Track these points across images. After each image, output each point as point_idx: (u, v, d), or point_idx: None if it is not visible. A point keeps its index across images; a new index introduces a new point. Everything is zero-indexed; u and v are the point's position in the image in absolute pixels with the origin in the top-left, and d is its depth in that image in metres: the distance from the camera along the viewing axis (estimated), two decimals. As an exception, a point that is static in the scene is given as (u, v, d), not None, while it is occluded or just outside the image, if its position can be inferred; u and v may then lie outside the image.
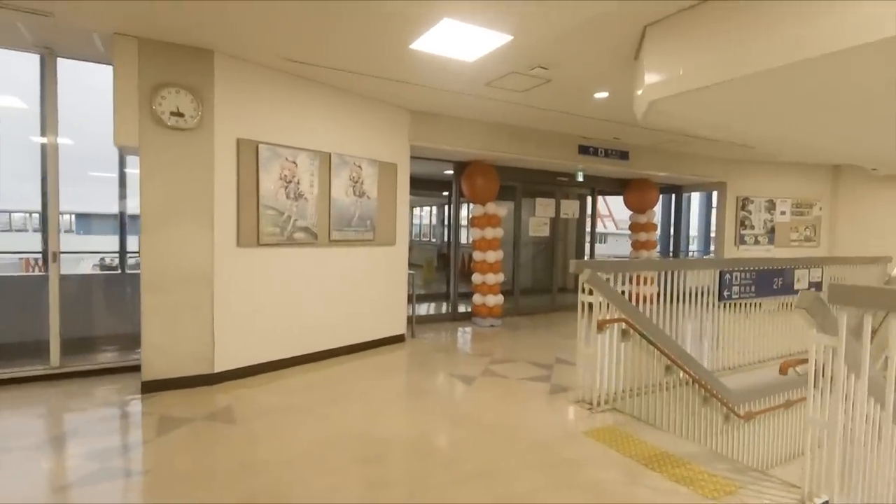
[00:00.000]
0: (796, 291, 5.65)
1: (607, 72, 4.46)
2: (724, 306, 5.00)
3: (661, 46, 3.43)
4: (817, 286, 5.85)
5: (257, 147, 4.39)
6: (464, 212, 8.47)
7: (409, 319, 6.30)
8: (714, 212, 14.94)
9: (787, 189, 9.51)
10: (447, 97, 5.35)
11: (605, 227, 28.85)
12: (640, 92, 3.78)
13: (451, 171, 7.49)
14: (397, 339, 5.92)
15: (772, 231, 9.50)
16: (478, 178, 6.97)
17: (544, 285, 9.44)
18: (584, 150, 7.44)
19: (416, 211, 16.19)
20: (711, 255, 14.19)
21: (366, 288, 5.49)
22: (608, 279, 3.95)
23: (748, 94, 3.41)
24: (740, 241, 9.42)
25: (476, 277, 7.19)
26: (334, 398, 3.99)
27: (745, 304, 5.18)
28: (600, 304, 3.81)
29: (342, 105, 5.13)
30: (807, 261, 5.76)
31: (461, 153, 6.63)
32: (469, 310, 7.44)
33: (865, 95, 3.45)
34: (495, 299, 7.12)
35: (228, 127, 4.23)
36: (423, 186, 9.90)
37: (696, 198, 14.27)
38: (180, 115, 3.97)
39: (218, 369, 4.25)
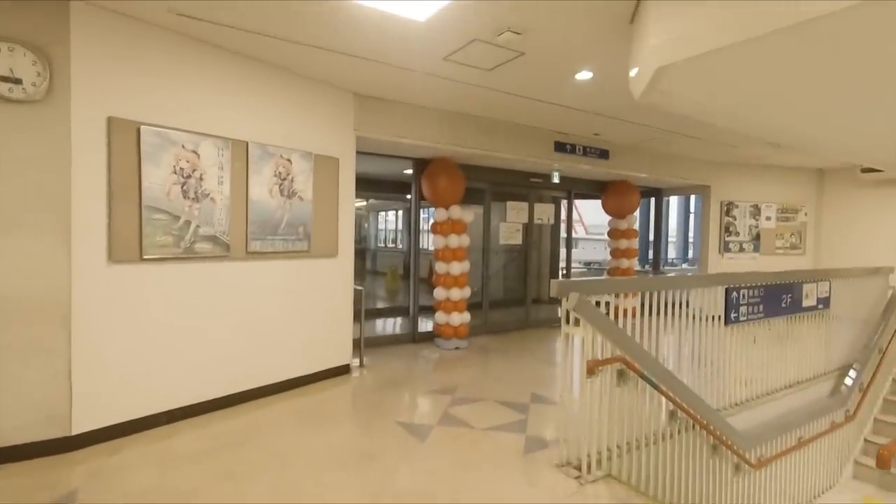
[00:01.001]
0: (805, 309, 4.91)
1: (594, 40, 3.57)
2: (731, 330, 4.17)
3: (672, -4, 2.55)
4: (825, 302, 5.13)
5: (139, 130, 3.30)
6: (428, 216, 7.50)
7: (358, 344, 5.26)
8: (692, 217, 14.52)
9: (772, 193, 8.93)
10: (398, 76, 4.37)
11: (575, 231, 28.41)
12: (641, 59, 2.90)
13: (410, 171, 6.51)
14: (340, 371, 4.87)
15: (757, 238, 8.89)
16: (440, 177, 6.01)
17: (517, 297, 8.55)
18: (560, 147, 6.58)
19: (382, 215, 15.28)
20: (686, 266, 13.73)
21: (298, 311, 4.43)
22: (598, 302, 3.04)
23: (768, 64, 2.58)
24: (725, 248, 8.77)
25: (439, 293, 6.21)
26: (234, 471, 2.92)
27: (753, 325, 4.37)
28: (591, 338, 2.89)
29: (265, 83, 4.08)
30: (813, 274, 5.02)
31: (420, 148, 5.66)
32: (432, 328, 6.45)
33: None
34: (461, 318, 6.15)
35: (94, 101, 3.13)
36: (386, 188, 8.91)
37: (673, 202, 13.75)
38: (14, 80, 2.85)
39: (78, 430, 3.12)
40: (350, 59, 3.94)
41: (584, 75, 4.25)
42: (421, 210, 6.63)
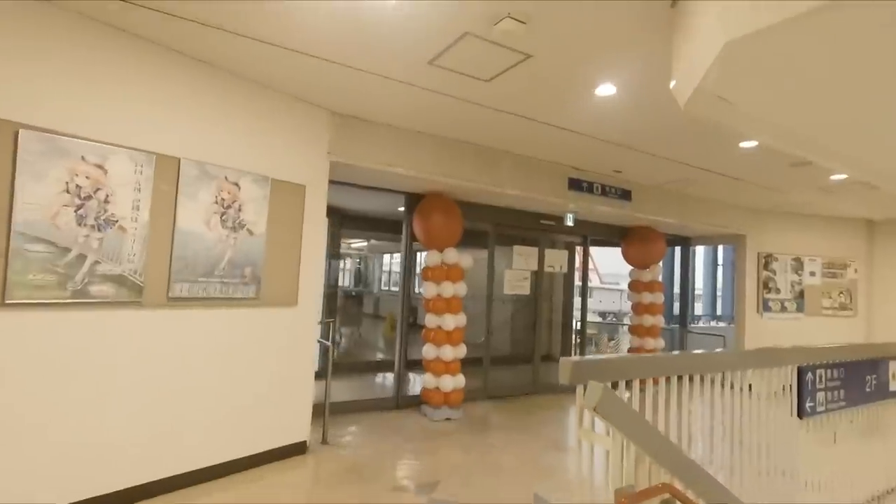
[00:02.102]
0: (893, 393, 3.80)
1: (620, 36, 2.74)
2: (807, 424, 3.09)
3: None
4: (914, 384, 4.01)
5: (17, 134, 2.51)
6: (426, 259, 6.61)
7: (323, 411, 4.25)
8: (720, 269, 13.40)
9: (815, 246, 7.88)
10: (378, 88, 3.59)
11: (589, 280, 27.30)
12: (692, 45, 2.04)
13: (402, 207, 5.68)
14: (293, 451, 3.85)
15: (801, 296, 7.78)
16: (434, 215, 5.15)
17: (524, 353, 7.48)
18: (575, 184, 5.72)
19: (387, 257, 14.49)
20: (715, 323, 12.48)
21: (238, 374, 3.48)
22: (629, 398, 2.05)
23: (868, 59, 1.70)
24: (764, 307, 7.66)
25: (428, 350, 5.21)
26: None
27: (833, 416, 3.28)
28: (621, 452, 1.88)
29: (211, 88, 3.32)
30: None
31: (411, 180, 4.83)
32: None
33: None
34: (453, 382, 5.12)
35: (-48, 92, 2.37)
36: (383, 227, 8.06)
37: (699, 252, 12.70)
38: None
39: None
40: (311, 60, 3.17)
41: (606, 90, 3.41)
42: (418, 252, 5.75)
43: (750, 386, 2.76)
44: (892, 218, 7.69)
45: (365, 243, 13.14)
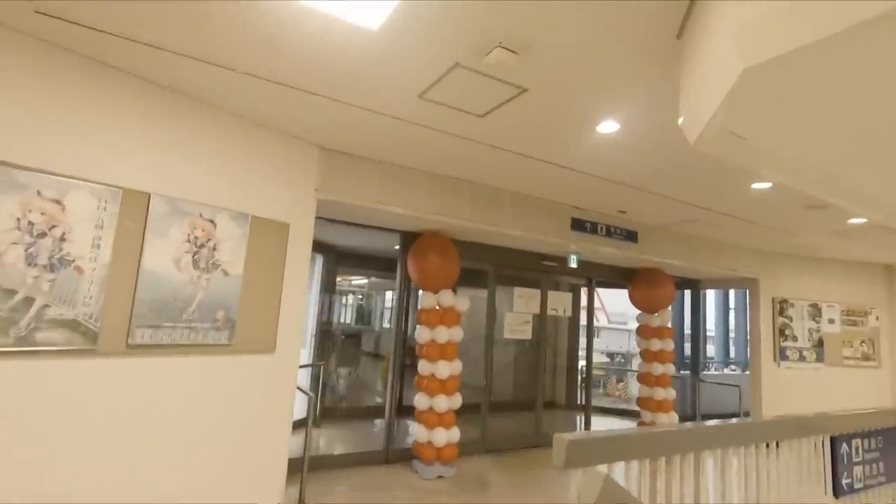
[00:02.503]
0: (936, 465, 3.38)
1: (621, 68, 2.54)
2: (843, 505, 2.69)
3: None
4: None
5: (-36, 165, 2.32)
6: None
7: (301, 467, 3.88)
8: (732, 313, 12.94)
9: (833, 292, 7.50)
10: (366, 122, 3.42)
11: (597, 320, 26.74)
12: (703, 77, 1.82)
13: (398, 246, 5.45)
14: (264, 516, 3.46)
15: (820, 344, 7.34)
16: (429, 255, 4.90)
17: (526, 398, 7.04)
18: (579, 225, 5.47)
19: (389, 294, 14.21)
20: (728, 370, 11.92)
21: (205, 430, 3.15)
22: (639, 478, 1.71)
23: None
24: (781, 355, 7.22)
25: (420, 400, 4.85)
26: None
27: (872, 494, 2.88)
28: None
29: (188, 121, 3.15)
30: (939, 410, 3.54)
31: (406, 218, 4.61)
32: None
33: None
34: (447, 435, 4.72)
35: None
36: (381, 265, 7.81)
37: (710, 295, 12.29)
38: None
39: None
40: (296, 93, 3.00)
41: (608, 126, 3.20)
42: (415, 292, 5.47)
43: (777, 453, 2.40)
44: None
45: (366, 280, 12.88)
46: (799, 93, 1.63)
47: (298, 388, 4.03)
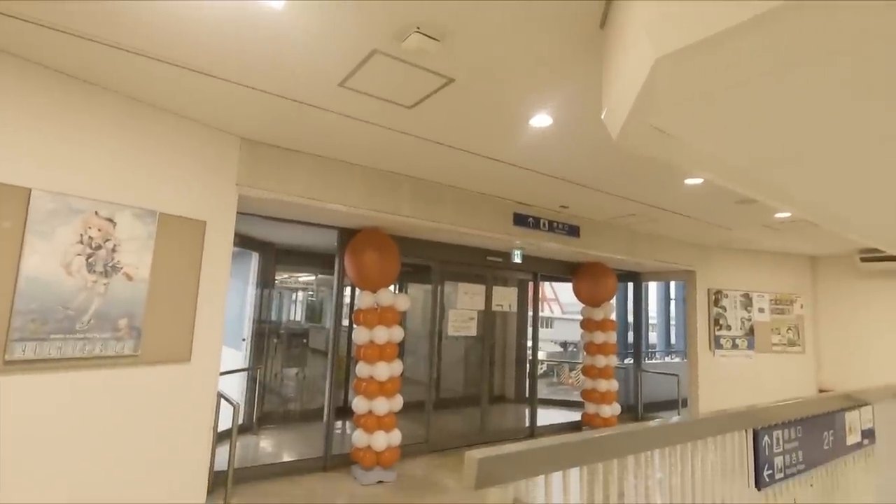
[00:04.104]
0: (851, 447, 3.55)
1: (549, 59, 2.44)
2: (765, 496, 2.74)
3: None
4: (869, 435, 3.79)
5: None
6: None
7: (224, 480, 3.62)
8: (673, 303, 13.45)
9: (763, 282, 7.88)
10: (289, 112, 3.17)
11: (551, 311, 27.31)
12: (623, 68, 1.74)
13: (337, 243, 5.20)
14: (180, 539, 3.19)
15: (751, 332, 7.69)
16: (367, 252, 4.70)
17: (475, 392, 6.98)
18: (521, 220, 5.42)
19: (348, 290, 13.84)
20: (669, 359, 12.42)
21: (105, 450, 2.84)
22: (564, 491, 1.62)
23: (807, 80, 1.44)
24: (716, 344, 7.52)
25: (359, 404, 4.66)
26: None
27: (792, 482, 2.96)
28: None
29: (83, 107, 2.81)
30: (853, 397, 3.71)
31: (340, 214, 4.38)
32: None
33: None
34: (386, 439, 4.57)
35: None
36: (327, 263, 7.50)
37: (652, 287, 12.71)
38: None
39: None
40: (207, 80, 2.73)
41: (542, 120, 3.11)
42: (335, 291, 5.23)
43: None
44: (832, 254, 7.80)
45: (313, 277, 12.47)
46: (715, 88, 1.57)
47: (222, 397, 3.76)
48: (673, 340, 13.31)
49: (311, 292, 14.46)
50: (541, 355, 12.74)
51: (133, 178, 3.01)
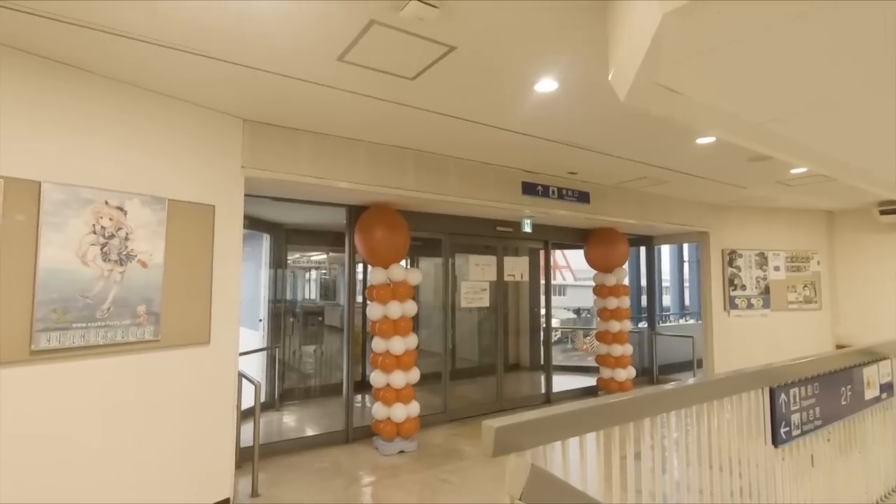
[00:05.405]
0: (869, 402, 3.54)
1: (554, 24, 2.36)
2: (782, 452, 2.77)
3: None
4: (888, 388, 3.78)
5: None
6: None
7: (250, 455, 3.75)
8: (686, 265, 13.34)
9: (778, 240, 7.76)
10: (289, 91, 3.13)
11: (563, 278, 27.32)
12: (629, 25, 1.67)
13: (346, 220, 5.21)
14: (214, 512, 3.34)
15: (766, 291, 7.63)
16: (377, 229, 4.70)
17: (490, 362, 7.08)
18: (530, 189, 5.36)
19: (361, 266, 13.96)
20: (684, 321, 12.40)
21: (135, 432, 2.95)
22: (580, 457, 1.64)
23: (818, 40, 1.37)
24: (731, 304, 7.48)
25: (377, 378, 4.76)
26: None
27: (809, 438, 2.98)
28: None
29: (86, 97, 2.80)
30: (871, 351, 3.69)
31: (347, 192, 4.37)
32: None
33: None
34: (405, 410, 4.67)
35: None
36: (338, 241, 7.55)
37: (665, 250, 12.60)
38: None
39: None
40: (208, 62, 2.69)
41: (547, 85, 3.03)
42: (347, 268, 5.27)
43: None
44: (848, 208, 7.63)
45: (325, 256, 12.57)
46: (723, 44, 1.51)
47: (243, 376, 3.86)
48: (687, 302, 13.25)
49: (324, 270, 14.59)
50: (554, 323, 12.82)
51: (140, 166, 3.02)
